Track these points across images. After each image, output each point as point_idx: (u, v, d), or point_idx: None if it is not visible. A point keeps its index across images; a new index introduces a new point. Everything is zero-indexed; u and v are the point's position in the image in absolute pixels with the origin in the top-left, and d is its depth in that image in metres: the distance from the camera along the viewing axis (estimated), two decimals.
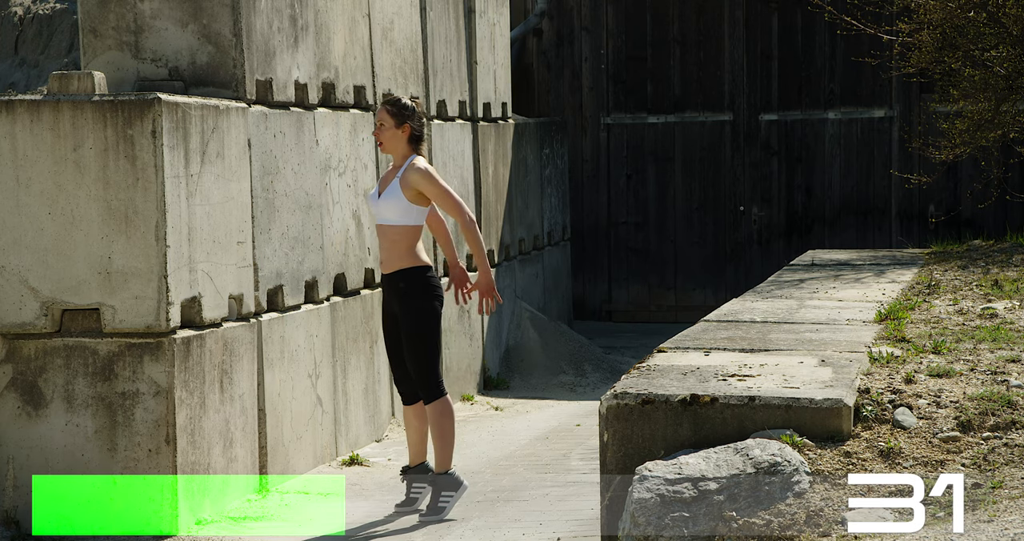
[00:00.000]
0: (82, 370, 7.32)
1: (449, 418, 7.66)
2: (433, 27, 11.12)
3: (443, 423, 7.65)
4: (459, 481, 7.69)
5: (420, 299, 7.65)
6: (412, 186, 7.60)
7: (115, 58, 8.15)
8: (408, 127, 7.66)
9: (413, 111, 7.68)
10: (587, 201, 15.55)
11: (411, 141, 7.69)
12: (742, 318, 7.54)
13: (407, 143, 7.69)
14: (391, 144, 7.70)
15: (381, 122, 7.70)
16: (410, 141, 7.69)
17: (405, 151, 7.69)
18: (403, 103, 7.69)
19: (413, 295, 7.64)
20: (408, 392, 7.81)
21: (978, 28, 11.38)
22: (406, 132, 7.67)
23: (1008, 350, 6.43)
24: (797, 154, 15.24)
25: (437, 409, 7.65)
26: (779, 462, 5.10)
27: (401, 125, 7.66)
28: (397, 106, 7.68)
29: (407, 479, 7.80)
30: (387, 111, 7.68)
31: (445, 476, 7.67)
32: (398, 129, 7.67)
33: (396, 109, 7.67)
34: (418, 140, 7.70)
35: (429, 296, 7.66)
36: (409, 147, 7.69)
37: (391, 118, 7.67)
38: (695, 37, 15.34)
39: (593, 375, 12.39)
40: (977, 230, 14.38)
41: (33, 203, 7.31)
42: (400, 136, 7.68)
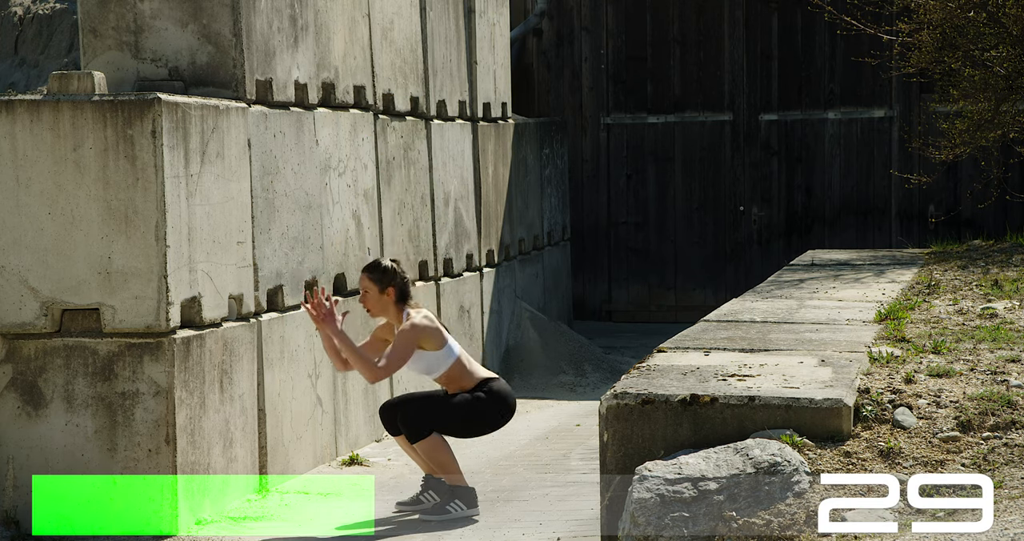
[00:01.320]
0: (82, 370, 7.32)
1: (442, 449, 7.66)
2: (433, 27, 11.12)
3: (438, 456, 7.65)
4: (475, 503, 7.68)
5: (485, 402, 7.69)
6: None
7: (115, 58, 8.15)
8: (392, 289, 7.68)
9: (394, 272, 7.68)
10: (587, 201, 15.55)
11: (398, 301, 7.71)
12: (742, 318, 7.53)
13: (395, 304, 7.70)
14: (379, 309, 7.73)
15: (365, 290, 7.71)
16: (397, 301, 7.70)
17: (395, 312, 7.71)
18: (383, 267, 7.69)
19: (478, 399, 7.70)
20: (390, 425, 7.79)
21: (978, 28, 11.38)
22: (391, 295, 7.69)
23: (1008, 350, 6.43)
24: (797, 154, 15.24)
25: (428, 446, 7.64)
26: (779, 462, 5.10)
27: (385, 289, 7.68)
28: (377, 271, 7.69)
29: (426, 483, 7.77)
30: (368, 277, 7.69)
31: (467, 489, 7.68)
32: (383, 294, 7.69)
33: (377, 274, 7.68)
34: (404, 298, 7.71)
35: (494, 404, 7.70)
36: (398, 307, 7.70)
37: (374, 285, 7.68)
38: (695, 37, 15.34)
39: (593, 375, 12.39)
40: (977, 230, 14.38)
41: (33, 203, 7.31)
42: (386, 300, 7.70)
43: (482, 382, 7.72)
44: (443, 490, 7.66)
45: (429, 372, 7.73)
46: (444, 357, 7.67)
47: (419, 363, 7.68)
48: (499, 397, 7.71)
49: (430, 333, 7.62)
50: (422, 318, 7.64)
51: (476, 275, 11.89)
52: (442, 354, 7.66)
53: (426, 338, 7.61)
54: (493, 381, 7.74)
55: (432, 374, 7.74)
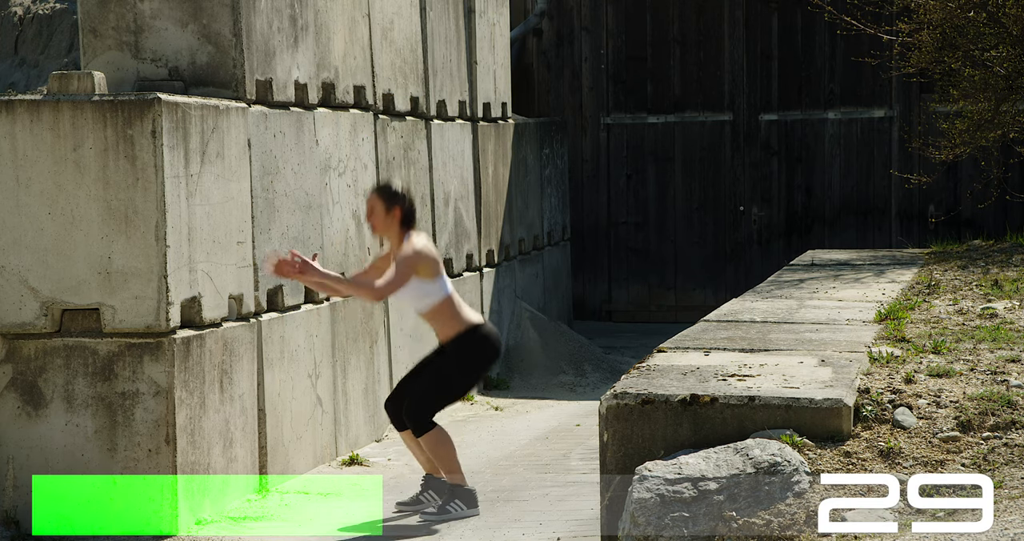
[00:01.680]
0: (82, 370, 7.32)
1: (445, 445, 7.66)
2: (433, 27, 11.12)
3: (440, 451, 7.65)
4: (475, 502, 7.69)
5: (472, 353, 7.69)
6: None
7: (115, 58, 8.15)
8: (399, 210, 7.69)
9: (403, 195, 7.72)
10: (587, 201, 15.55)
11: (403, 223, 7.71)
12: (742, 318, 7.54)
13: (399, 226, 7.71)
14: (383, 228, 7.74)
15: (372, 206, 7.73)
16: (402, 224, 7.71)
17: (398, 233, 7.71)
18: (392, 188, 7.74)
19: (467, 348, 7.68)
20: (396, 419, 7.79)
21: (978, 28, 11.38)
22: (396, 216, 7.69)
23: (1008, 350, 6.43)
24: (797, 154, 15.24)
25: (431, 441, 7.65)
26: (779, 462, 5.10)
27: (391, 209, 7.69)
28: (387, 191, 7.73)
29: (426, 483, 7.77)
30: (377, 196, 7.73)
31: (466, 489, 7.68)
32: (389, 213, 7.69)
33: (386, 195, 7.71)
34: (410, 222, 7.73)
35: (481, 353, 7.70)
36: (402, 229, 7.71)
37: (381, 202, 7.70)
38: (695, 37, 15.34)
39: (593, 375, 12.39)
40: (977, 230, 14.38)
41: (33, 203, 7.31)
42: (392, 220, 7.71)
43: (471, 327, 7.69)
44: (443, 490, 7.66)
45: (420, 302, 7.67)
46: (436, 289, 7.66)
47: (412, 291, 7.65)
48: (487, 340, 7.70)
49: (429, 261, 7.63)
50: (423, 244, 7.66)
51: (476, 275, 11.89)
52: (435, 286, 7.65)
53: (424, 264, 7.61)
54: (481, 326, 7.73)
55: (422, 305, 7.68)
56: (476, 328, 7.71)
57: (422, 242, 7.66)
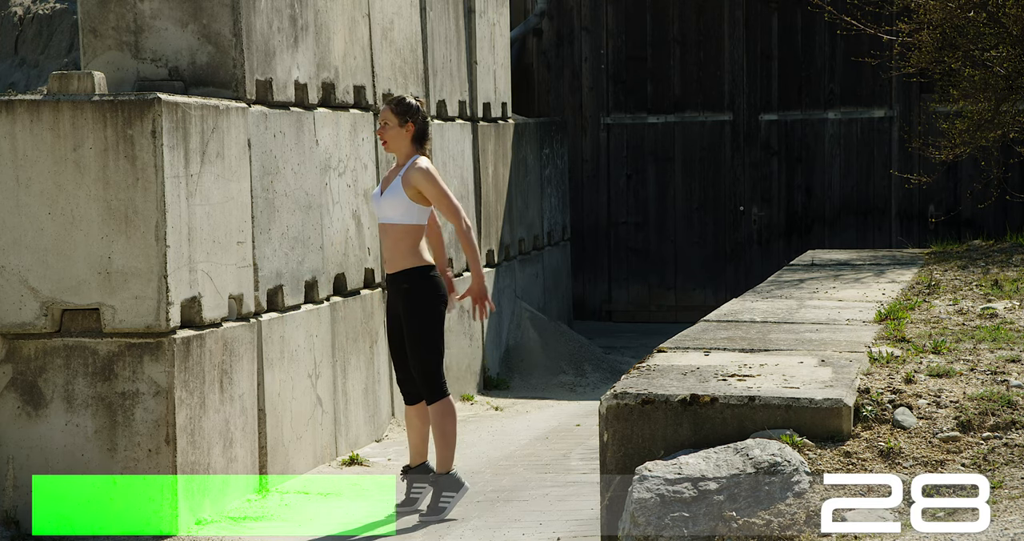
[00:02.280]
0: (82, 370, 7.32)
1: (451, 418, 7.66)
2: (433, 27, 11.12)
3: (445, 423, 7.64)
4: (460, 482, 7.69)
5: (423, 299, 7.63)
6: (413, 185, 7.60)
7: (115, 58, 8.15)
8: (412, 125, 7.65)
9: (417, 109, 7.67)
10: (587, 201, 15.55)
11: (415, 140, 7.67)
12: (742, 318, 7.54)
13: (411, 142, 7.67)
14: (395, 143, 7.68)
15: (385, 121, 7.68)
16: (414, 140, 7.67)
17: (409, 150, 7.68)
18: (407, 102, 7.67)
19: (416, 295, 7.63)
20: (411, 392, 7.80)
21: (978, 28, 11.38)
22: (410, 131, 7.66)
23: (1008, 350, 6.43)
24: (797, 154, 15.24)
25: (439, 409, 7.64)
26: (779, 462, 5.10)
27: (405, 124, 7.65)
28: (401, 104, 7.66)
29: (408, 479, 7.80)
30: (391, 110, 7.66)
31: (446, 476, 7.66)
32: (402, 128, 7.65)
33: (400, 108, 7.65)
34: (422, 139, 7.68)
35: (432, 296, 7.65)
36: (413, 146, 7.68)
37: (395, 116, 7.65)
38: (695, 37, 15.34)
39: (593, 375, 12.39)
40: (977, 230, 14.38)
41: (33, 203, 7.31)
42: (404, 135, 7.66)
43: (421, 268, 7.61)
44: (427, 480, 7.68)
45: (400, 216, 7.60)
46: (421, 215, 7.63)
47: (398, 208, 7.62)
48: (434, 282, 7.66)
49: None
50: (430, 165, 7.64)
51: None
52: (423, 212, 7.63)
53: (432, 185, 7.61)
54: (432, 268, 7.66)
55: (398, 217, 7.61)
56: (429, 269, 7.66)
57: (427, 163, 7.63)
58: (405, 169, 7.63)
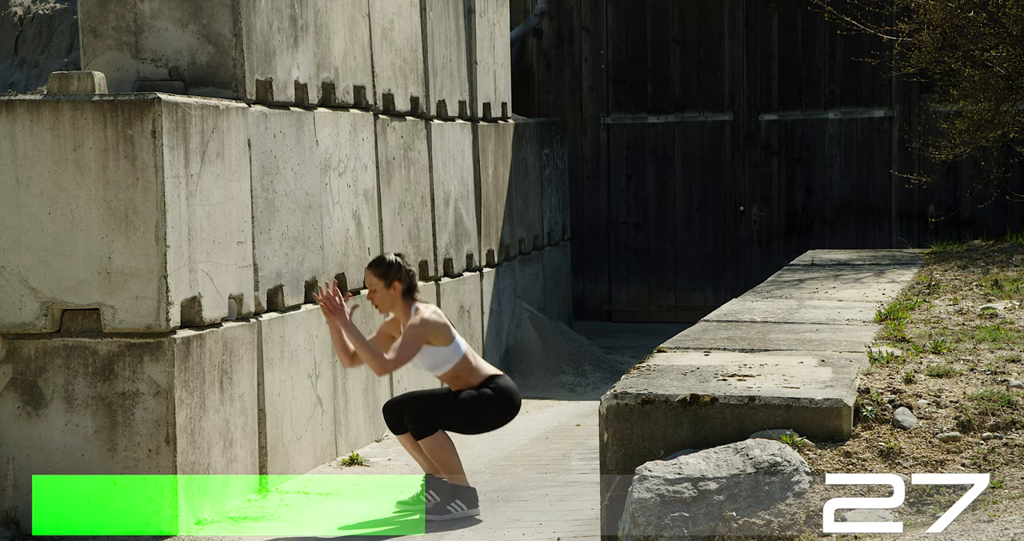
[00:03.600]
0: (82, 370, 7.32)
1: (447, 448, 7.63)
2: (433, 27, 11.12)
3: (442, 456, 7.62)
4: (475, 502, 7.67)
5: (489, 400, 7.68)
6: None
7: (115, 58, 8.15)
8: (397, 283, 7.68)
9: (399, 266, 7.69)
10: (587, 201, 15.55)
11: (405, 295, 7.71)
12: (742, 318, 7.54)
13: (401, 299, 7.71)
14: (386, 304, 7.73)
15: (371, 287, 7.72)
16: (404, 295, 7.71)
17: (403, 306, 7.71)
18: (387, 262, 7.70)
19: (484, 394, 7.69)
20: (394, 424, 7.77)
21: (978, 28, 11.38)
22: (397, 289, 7.69)
23: (1008, 350, 6.43)
24: (797, 154, 15.24)
25: (432, 444, 7.62)
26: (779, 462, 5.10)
27: (390, 284, 7.69)
28: (381, 267, 7.69)
29: (427, 483, 7.75)
30: (373, 273, 7.71)
31: (466, 489, 7.66)
32: (388, 289, 7.69)
33: (381, 270, 7.69)
34: (411, 291, 7.72)
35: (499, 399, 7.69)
36: (405, 301, 7.71)
37: (379, 280, 7.69)
38: (695, 37, 15.34)
39: (593, 375, 12.39)
40: (977, 230, 14.38)
41: (33, 203, 7.31)
42: (393, 294, 7.70)
43: (488, 379, 7.72)
44: (444, 490, 7.65)
45: (435, 368, 7.72)
46: (451, 353, 7.67)
47: (425, 359, 7.68)
48: (505, 394, 7.70)
49: (439, 328, 7.62)
50: (431, 313, 7.65)
51: (476, 275, 11.89)
52: (449, 350, 7.66)
53: (434, 333, 7.61)
54: (499, 378, 7.74)
55: (437, 371, 7.72)
56: (493, 378, 7.72)
57: (428, 312, 7.64)
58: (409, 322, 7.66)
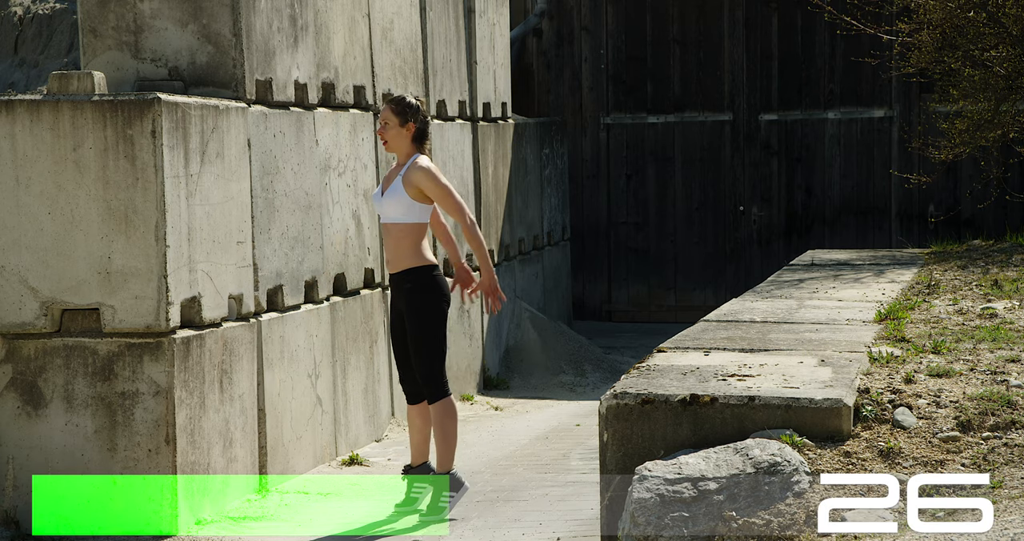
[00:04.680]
0: (82, 370, 7.32)
1: (452, 418, 7.66)
2: (433, 27, 11.12)
3: (446, 423, 7.64)
4: (460, 482, 7.69)
5: (426, 298, 7.64)
6: (415, 184, 7.60)
7: (115, 58, 8.15)
8: (412, 125, 7.67)
9: (417, 109, 7.68)
10: (587, 201, 15.55)
11: (415, 139, 7.69)
12: (742, 318, 7.54)
13: (411, 141, 7.69)
14: (395, 142, 7.69)
15: (385, 121, 7.70)
16: (414, 139, 7.69)
17: (409, 149, 7.69)
18: (407, 101, 7.69)
19: (419, 295, 7.63)
20: (412, 392, 7.80)
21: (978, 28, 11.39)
22: (410, 130, 7.67)
23: (1008, 350, 6.43)
24: (797, 154, 15.24)
25: (441, 409, 7.64)
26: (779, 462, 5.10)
27: (405, 123, 7.67)
28: (401, 104, 7.68)
29: (408, 478, 7.80)
30: (391, 109, 7.68)
31: (447, 476, 7.66)
32: (402, 127, 7.67)
33: (400, 107, 7.67)
34: (422, 138, 7.70)
35: (435, 295, 7.65)
36: (413, 146, 7.69)
37: (395, 116, 7.67)
38: (695, 37, 15.34)
39: (593, 375, 12.40)
40: (977, 230, 14.38)
41: (33, 203, 7.31)
42: (404, 134, 7.68)
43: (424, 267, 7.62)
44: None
45: (401, 217, 7.62)
46: (423, 212, 7.64)
47: (400, 207, 7.64)
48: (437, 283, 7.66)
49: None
50: (430, 163, 7.65)
51: (476, 275, 11.89)
52: (424, 210, 7.64)
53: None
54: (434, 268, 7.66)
55: (398, 218, 7.62)
56: (431, 269, 7.67)
57: (428, 162, 7.64)
58: (406, 168, 7.64)
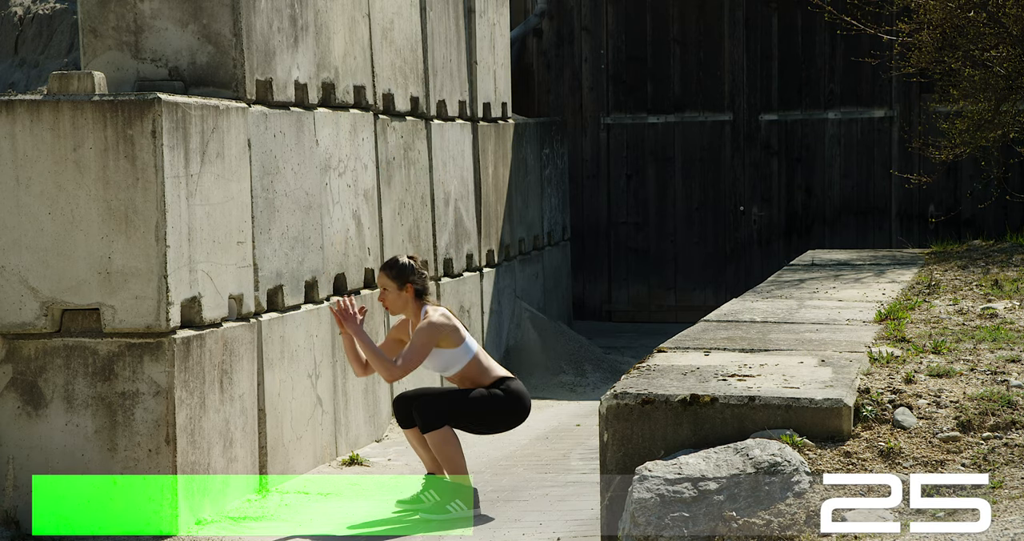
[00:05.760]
0: (82, 370, 7.32)
1: (452, 443, 7.61)
2: (433, 27, 11.12)
3: (448, 450, 7.61)
4: (475, 502, 7.66)
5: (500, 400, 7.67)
6: None
7: (115, 58, 8.15)
8: (410, 286, 7.69)
9: (412, 269, 7.70)
10: (587, 201, 15.55)
11: (417, 298, 7.72)
12: (742, 318, 7.54)
13: (413, 301, 7.71)
14: (398, 306, 7.74)
15: (383, 288, 7.73)
16: (416, 298, 7.72)
17: (414, 308, 7.72)
18: (401, 264, 7.70)
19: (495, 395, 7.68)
20: (404, 416, 7.76)
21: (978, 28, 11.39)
22: (410, 292, 7.70)
23: (1008, 350, 6.43)
24: (797, 154, 15.24)
25: (437, 439, 7.60)
26: (779, 462, 5.10)
27: (403, 286, 7.69)
28: (395, 269, 7.70)
29: (427, 482, 7.74)
30: (387, 275, 7.71)
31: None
32: (401, 290, 7.70)
33: (395, 272, 7.69)
34: (422, 295, 7.73)
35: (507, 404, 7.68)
36: (416, 303, 7.72)
37: (392, 282, 7.69)
38: (695, 37, 15.34)
39: (593, 375, 12.39)
40: (977, 230, 14.39)
41: (33, 203, 7.31)
42: (405, 297, 7.71)
43: (498, 380, 7.71)
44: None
45: (445, 370, 7.72)
46: (461, 355, 7.66)
47: (436, 360, 7.67)
48: (515, 396, 7.70)
49: (448, 331, 7.62)
50: (440, 315, 7.64)
51: (476, 275, 11.89)
52: (459, 352, 7.66)
53: (444, 336, 7.61)
54: (510, 380, 7.74)
55: (448, 371, 7.72)
56: (504, 380, 7.72)
57: (437, 315, 7.64)
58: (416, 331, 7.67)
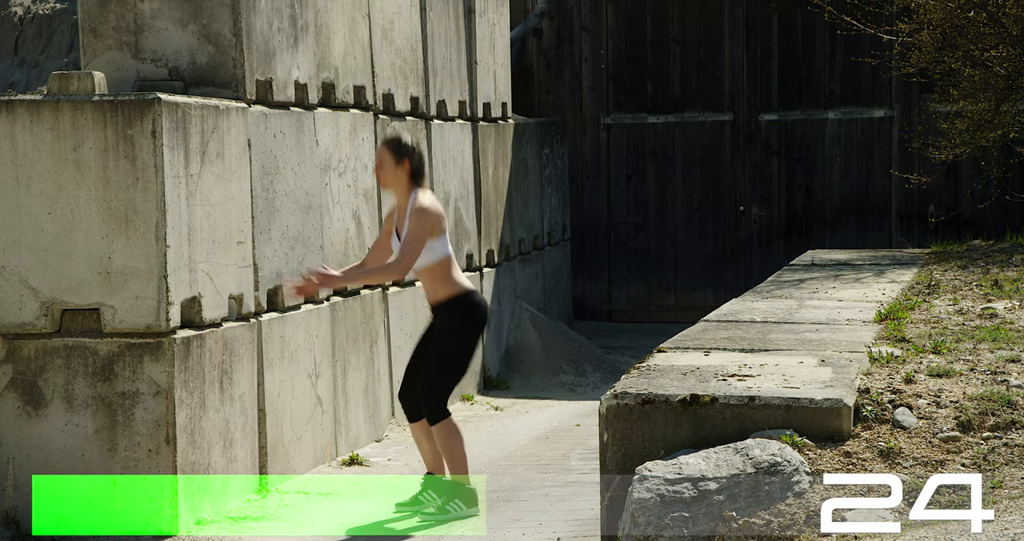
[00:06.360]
0: (82, 370, 7.32)
1: (456, 439, 7.63)
2: (433, 27, 11.12)
3: (451, 445, 7.62)
4: (475, 501, 7.66)
5: (460, 323, 7.66)
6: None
7: (115, 58, 8.15)
8: (408, 163, 7.69)
9: (413, 149, 7.71)
10: (587, 201, 15.55)
11: (412, 177, 7.71)
12: (742, 318, 7.54)
13: (408, 179, 7.70)
14: (392, 181, 7.72)
15: (381, 160, 7.73)
16: (411, 177, 7.71)
17: (406, 187, 7.71)
18: (403, 141, 7.72)
19: (455, 319, 7.66)
20: (411, 409, 7.77)
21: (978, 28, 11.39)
22: (406, 169, 7.69)
23: (1008, 350, 6.43)
24: (797, 154, 15.24)
25: (443, 431, 7.62)
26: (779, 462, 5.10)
27: (400, 161, 7.68)
28: (396, 144, 7.71)
29: (426, 482, 7.75)
30: (387, 148, 7.72)
31: (466, 489, 7.65)
32: (398, 166, 7.69)
33: (395, 146, 7.70)
34: (418, 176, 7.72)
35: (470, 323, 7.67)
36: (410, 183, 7.71)
37: (391, 155, 7.70)
38: (695, 37, 15.35)
39: (593, 375, 12.39)
40: (977, 230, 14.39)
41: (33, 203, 7.31)
42: (400, 173, 7.70)
43: (465, 293, 7.65)
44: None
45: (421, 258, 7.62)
46: (439, 247, 7.64)
47: None
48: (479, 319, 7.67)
49: (436, 219, 7.62)
50: (430, 201, 7.65)
51: (476, 275, 11.89)
52: (439, 244, 7.63)
53: (435, 223, 7.61)
54: (472, 294, 7.69)
55: (421, 261, 7.62)
56: (468, 294, 7.69)
57: (428, 199, 7.64)
58: (410, 209, 7.64)
